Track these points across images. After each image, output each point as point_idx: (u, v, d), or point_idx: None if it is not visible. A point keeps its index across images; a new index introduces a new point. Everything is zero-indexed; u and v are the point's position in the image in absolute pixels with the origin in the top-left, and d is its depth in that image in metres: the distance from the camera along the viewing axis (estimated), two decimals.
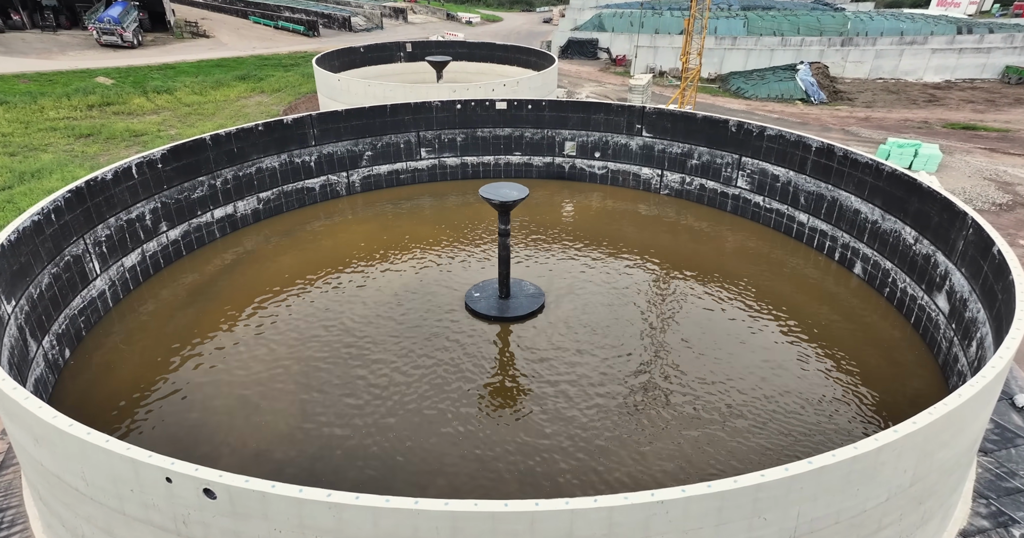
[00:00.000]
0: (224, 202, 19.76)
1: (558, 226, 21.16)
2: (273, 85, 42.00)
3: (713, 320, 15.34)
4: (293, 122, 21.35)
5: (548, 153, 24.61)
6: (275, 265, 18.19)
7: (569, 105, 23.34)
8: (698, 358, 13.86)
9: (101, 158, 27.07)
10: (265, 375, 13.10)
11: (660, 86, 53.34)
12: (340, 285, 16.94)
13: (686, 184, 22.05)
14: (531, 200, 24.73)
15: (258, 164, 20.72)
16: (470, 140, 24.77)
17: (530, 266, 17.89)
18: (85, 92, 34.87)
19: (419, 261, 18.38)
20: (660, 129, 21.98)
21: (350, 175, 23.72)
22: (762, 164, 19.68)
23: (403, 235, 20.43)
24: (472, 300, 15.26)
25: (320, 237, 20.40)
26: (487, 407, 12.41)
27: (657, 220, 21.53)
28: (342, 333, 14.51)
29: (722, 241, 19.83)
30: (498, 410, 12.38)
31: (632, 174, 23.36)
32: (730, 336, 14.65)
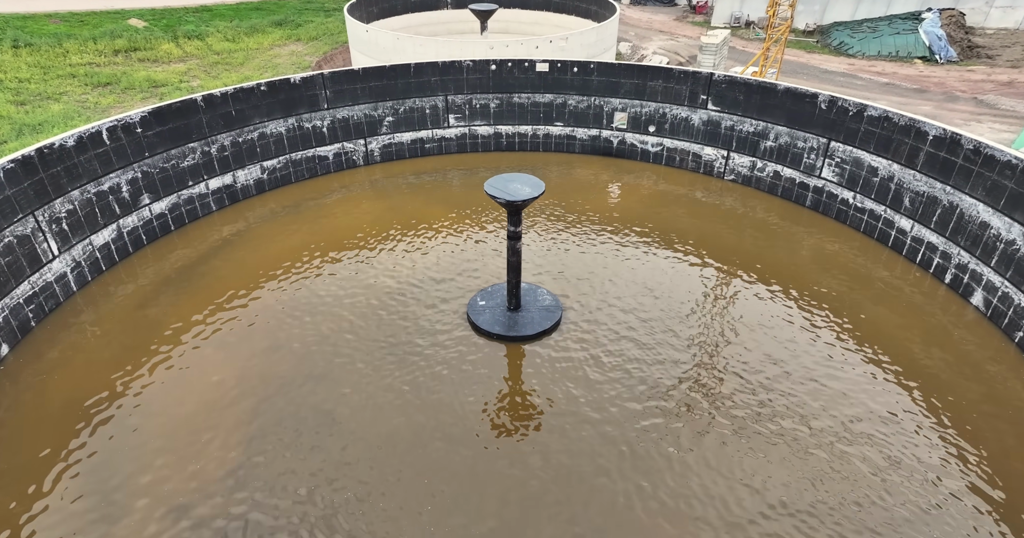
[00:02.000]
0: (221, 171, 18.43)
1: (599, 212, 18.77)
2: (310, 32, 40.27)
3: (784, 349, 12.75)
4: (302, 82, 19.57)
5: (595, 125, 21.97)
6: (269, 247, 16.79)
7: (621, 69, 20.48)
8: (766, 414, 11.53)
9: (113, 111, 26.36)
10: (217, 397, 11.54)
11: (744, 40, 47.02)
12: (333, 276, 15.35)
13: (757, 170, 19.05)
14: (571, 179, 22.34)
15: (261, 129, 19.19)
16: (505, 107, 22.39)
17: (556, 262, 15.77)
18: (113, 36, 34.26)
19: (429, 251, 16.56)
20: (730, 102, 18.92)
21: (368, 143, 21.93)
22: (857, 152, 16.48)
23: (418, 216, 18.60)
24: (476, 310, 13.37)
25: (325, 214, 18.84)
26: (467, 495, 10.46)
27: (718, 210, 18.77)
28: (317, 345, 12.77)
29: (797, 242, 16.93)
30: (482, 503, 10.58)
31: (692, 154, 20.51)
32: (806, 374, 12.12)
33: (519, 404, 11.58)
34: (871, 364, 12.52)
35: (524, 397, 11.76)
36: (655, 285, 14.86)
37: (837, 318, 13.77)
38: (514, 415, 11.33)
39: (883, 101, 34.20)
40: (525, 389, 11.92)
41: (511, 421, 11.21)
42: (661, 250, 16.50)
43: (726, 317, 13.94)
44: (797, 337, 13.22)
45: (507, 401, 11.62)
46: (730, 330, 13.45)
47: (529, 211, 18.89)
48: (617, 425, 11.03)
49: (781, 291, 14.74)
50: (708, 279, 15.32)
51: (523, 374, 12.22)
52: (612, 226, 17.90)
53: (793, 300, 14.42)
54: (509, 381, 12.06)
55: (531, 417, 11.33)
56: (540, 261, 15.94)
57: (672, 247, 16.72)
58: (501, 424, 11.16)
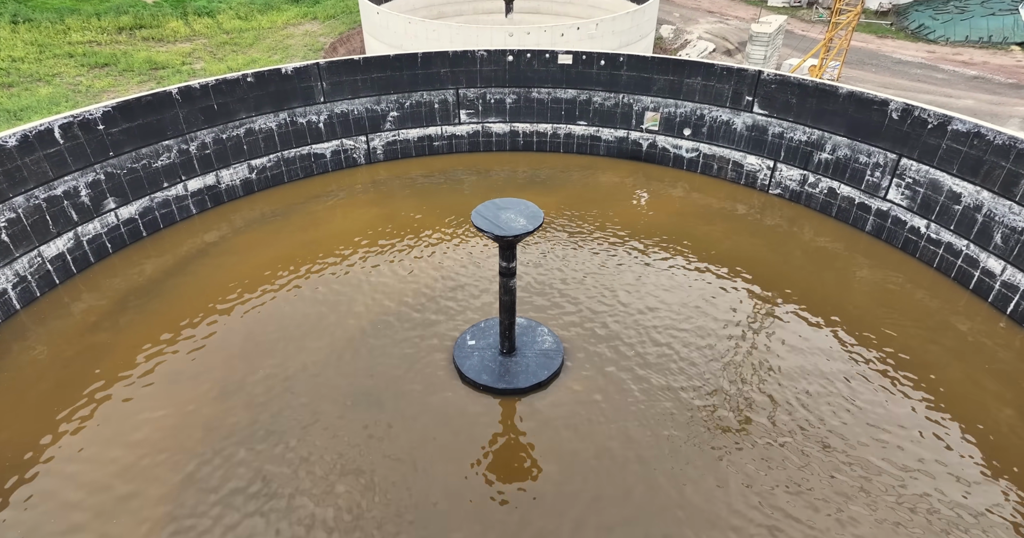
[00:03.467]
0: (202, 171, 17.22)
1: (623, 225, 17.00)
2: (328, 10, 38.87)
3: (839, 413, 10.85)
4: (294, 73, 18.16)
5: (623, 125, 20.09)
6: (246, 259, 15.50)
7: (654, 63, 18.51)
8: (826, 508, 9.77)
9: (106, 96, 25.51)
10: (148, 454, 10.16)
11: (805, 22, 42.88)
12: (311, 298, 13.93)
13: (808, 185, 16.95)
14: (594, 186, 20.42)
15: (248, 124, 17.89)
16: (523, 102, 20.66)
17: (567, 288, 14.12)
18: (118, 11, 33.42)
19: (422, 271, 15.06)
20: (780, 105, 16.81)
21: (370, 140, 20.50)
22: (934, 173, 14.22)
23: (417, 227, 17.12)
24: (463, 353, 11.85)
25: (314, 221, 17.49)
26: None
27: (760, 229, 16.79)
28: (276, 389, 11.28)
29: (853, 273, 14.81)
30: None
31: (732, 162, 18.51)
32: (871, 453, 10.29)
33: (496, 498, 10.01)
34: (948, 428, 10.59)
35: (504, 482, 10.23)
36: (685, 321, 13.04)
37: (902, 372, 11.77)
38: (487, 523, 9.75)
39: (970, 99, 30.38)
40: (505, 471, 10.36)
41: (483, 529, 9.67)
42: (693, 275, 14.66)
43: (767, 365, 12.09)
44: (860, 395, 11.30)
45: (481, 492, 10.05)
46: (771, 381, 11.63)
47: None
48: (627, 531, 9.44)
49: (838, 334, 12.74)
50: (748, 317, 13.41)
51: (506, 445, 10.54)
52: (637, 243, 16.10)
53: (852, 343, 12.44)
54: (488, 456, 10.34)
55: (508, 520, 9.81)
56: (548, 285, 14.30)
57: (706, 271, 14.85)
58: (478, 509, 9.66)
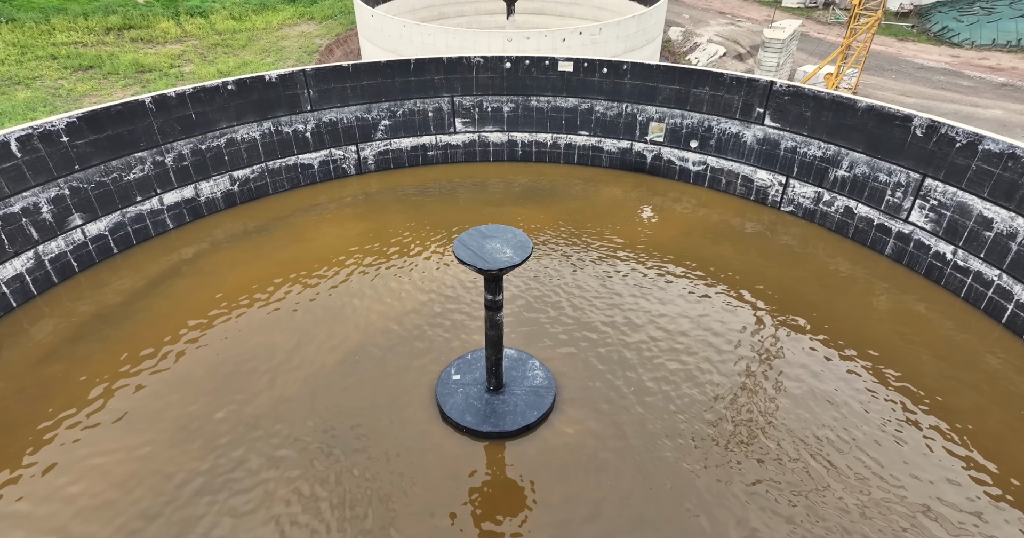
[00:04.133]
0: (179, 183, 16.53)
1: (625, 240, 16.21)
2: (325, 10, 38.21)
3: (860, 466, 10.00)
4: (279, 80, 17.47)
5: (626, 136, 19.32)
6: (221, 279, 14.73)
7: (660, 71, 17.73)
8: None
9: (87, 100, 24.90)
10: (80, 513, 9.46)
11: (821, 24, 41.56)
12: (285, 324, 13.17)
13: (823, 203, 16.10)
14: (595, 199, 19.60)
15: (229, 134, 17.20)
16: (521, 111, 19.91)
17: (562, 311, 13.34)
18: (107, 11, 32.81)
19: (407, 293, 14.30)
20: (793, 118, 15.98)
21: (360, 149, 19.80)
22: (963, 196, 13.19)
23: (406, 243, 16.40)
24: (446, 389, 11.09)
25: (297, 237, 16.76)
26: None
27: (771, 247, 15.97)
28: (238, 433, 10.43)
29: (871, 299, 13.91)
30: None
31: (742, 177, 17.70)
32: (896, 511, 9.45)
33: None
34: (990, 515, 9.74)
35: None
36: (689, 351, 12.22)
37: (929, 415, 10.89)
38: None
39: (998, 108, 29.21)
40: (484, 532, 9.58)
41: None
42: (699, 299, 13.84)
43: (778, 406, 11.25)
44: (880, 444, 10.45)
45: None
46: (783, 424, 10.81)
47: (537, 235, 16.50)
48: None
49: (852, 366, 11.89)
50: (758, 347, 12.57)
51: (487, 499, 9.66)
52: (640, 263, 15.31)
53: (869, 383, 11.57)
54: (467, 513, 9.49)
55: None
56: (541, 310, 13.52)
57: (713, 295, 14.01)
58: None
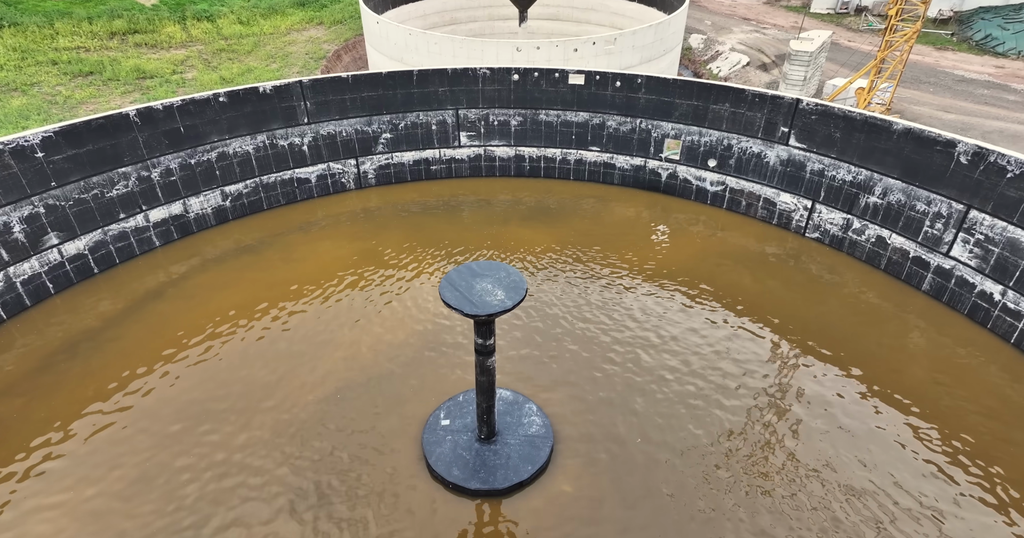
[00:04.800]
0: (167, 199, 15.95)
1: (637, 264, 15.36)
2: (335, 15, 37.82)
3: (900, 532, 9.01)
4: (274, 92, 16.87)
5: (639, 153, 18.47)
6: (203, 303, 14.00)
7: (677, 86, 16.87)
8: None
9: (84, 108, 24.54)
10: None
11: (852, 31, 39.60)
12: (268, 358, 12.43)
13: (852, 231, 15.07)
14: (606, 218, 18.65)
15: (221, 148, 16.62)
16: (529, 125, 19.15)
17: (569, 339, 12.50)
18: (112, 15, 32.65)
19: (399, 323, 13.53)
20: (821, 139, 15.01)
21: (360, 163, 19.16)
22: (1013, 231, 12.03)
23: (403, 265, 15.68)
24: (433, 437, 10.27)
25: (288, 257, 16.08)
26: None
27: (795, 276, 14.99)
28: (202, 482, 9.67)
29: (906, 337, 12.80)
30: None
31: (763, 199, 16.76)
32: None
33: None
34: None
35: None
36: (703, 393, 11.30)
37: (980, 480, 9.90)
38: None
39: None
40: None
41: None
42: (716, 330, 12.90)
43: (804, 461, 10.30)
44: (924, 508, 9.45)
45: None
46: (809, 481, 9.85)
47: (541, 258, 15.71)
48: None
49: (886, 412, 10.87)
50: (780, 386, 11.60)
51: None
52: (652, 288, 14.42)
53: (906, 434, 10.52)
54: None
55: None
56: (543, 341, 12.69)
57: (732, 326, 13.07)
58: None
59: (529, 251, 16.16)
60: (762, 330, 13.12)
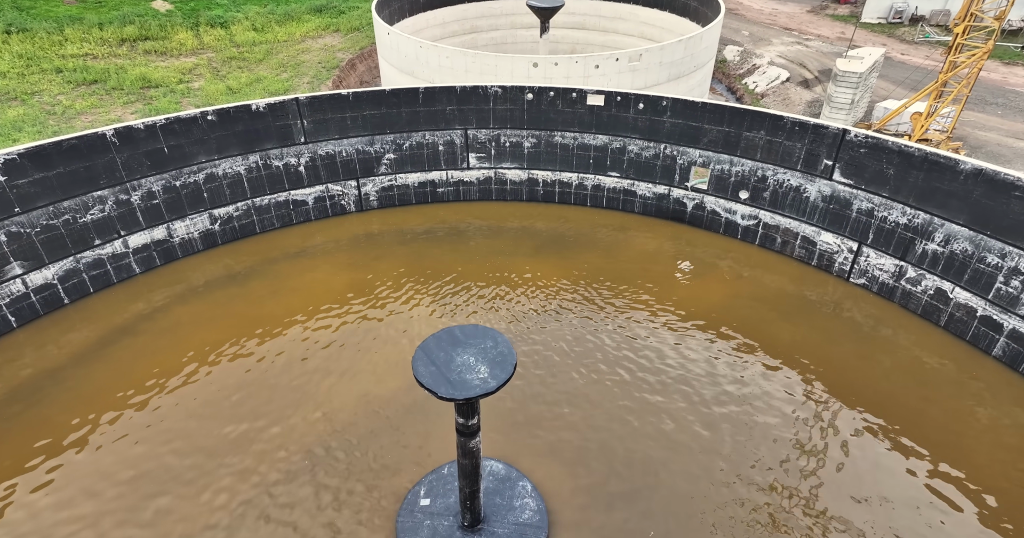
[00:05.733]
0: (148, 224, 15.13)
1: (657, 304, 14.07)
2: (352, 22, 37.21)
3: None
4: (268, 110, 16.00)
5: (663, 180, 17.21)
6: (177, 341, 12.99)
7: (706, 110, 15.60)
8: None
9: (83, 119, 24.02)
10: None
11: (905, 43, 36.49)
12: (235, 410, 11.29)
13: (906, 280, 13.51)
14: (624, 251, 17.18)
15: (210, 169, 15.78)
16: (544, 147, 18.03)
17: (576, 394, 11.26)
18: (124, 21, 32.37)
19: (389, 371, 12.42)
20: (871, 174, 13.49)
21: (362, 185, 18.22)
22: None
23: (398, 301, 14.64)
24: (410, 521, 9.08)
25: (275, 288, 15.13)
26: None
27: (837, 325, 13.48)
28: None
29: (971, 410, 10.89)
30: None
31: (802, 238, 15.35)
32: None
33: None
34: None
35: None
36: (736, 470, 9.94)
37: None
38: None
39: None
40: None
41: None
42: (746, 387, 11.53)
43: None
44: None
45: None
46: None
47: (550, 295, 14.53)
48: None
49: (951, 497, 9.43)
50: (825, 460, 10.22)
51: None
52: (674, 333, 13.12)
53: (982, 528, 9.12)
54: None
55: None
56: (544, 396, 11.49)
57: (766, 379, 11.72)
58: None
59: (537, 287, 15.00)
60: (801, 389, 11.73)
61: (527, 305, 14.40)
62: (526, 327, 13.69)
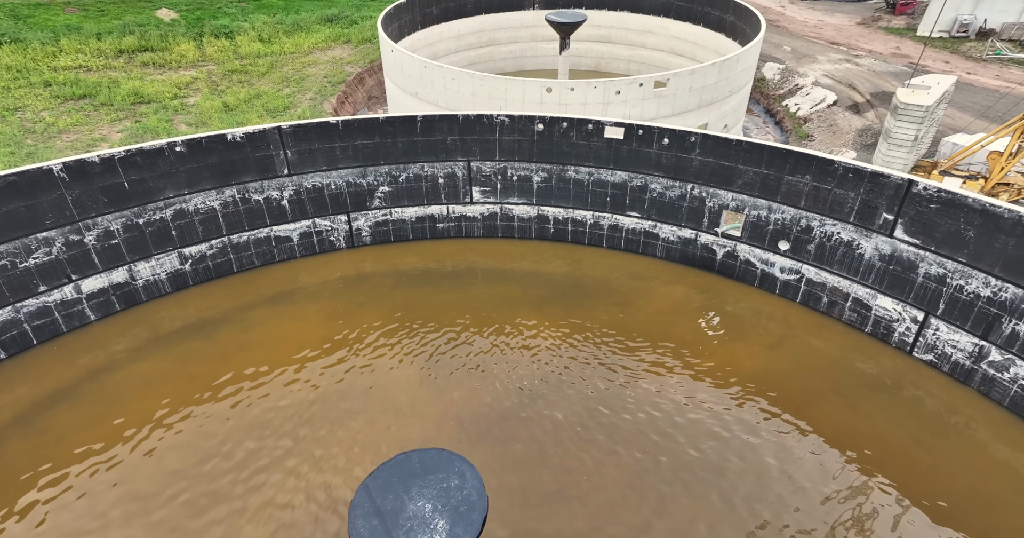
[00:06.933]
0: (106, 266, 13.83)
1: (679, 369, 12.41)
2: (364, 33, 36.11)
3: None
4: (246, 140, 14.67)
5: (690, 223, 15.49)
6: (123, 408, 11.52)
7: (741, 149, 13.88)
8: None
9: (64, 138, 22.86)
10: None
11: (971, 60, 32.88)
12: (152, 507, 9.92)
13: (988, 363, 11.36)
14: (643, 301, 14.66)
15: (179, 205, 14.46)
16: (555, 182, 16.45)
17: (579, 494, 9.53)
18: (124, 31, 31.52)
19: (357, 454, 10.87)
20: (944, 235, 11.39)
21: (353, 220, 16.81)
22: None
23: (380, 362, 13.12)
24: None
25: (244, 342, 13.63)
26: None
27: (898, 407, 11.49)
28: None
29: None
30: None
31: (854, 300, 13.46)
32: None
33: None
34: None
35: None
36: None
37: None
38: None
39: None
40: None
41: None
42: (800, 487, 9.82)
43: None
44: None
45: None
46: None
47: (554, 357, 12.91)
48: None
49: None
50: None
51: None
52: (706, 408, 11.38)
53: None
54: None
55: None
56: (539, 502, 9.79)
57: (813, 467, 9.99)
58: None
59: (543, 347, 13.37)
60: (860, 483, 9.91)
61: (528, 370, 12.79)
62: (524, 402, 12.06)
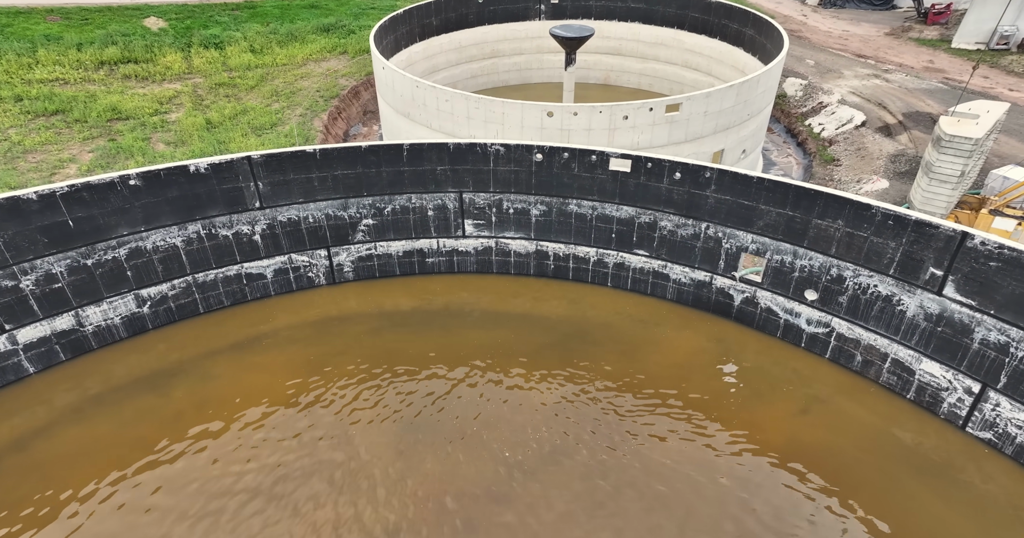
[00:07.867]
0: (47, 313, 12.60)
1: (697, 437, 11.14)
2: (362, 43, 34.99)
3: None
4: (211, 171, 13.49)
5: (704, 265, 14.17)
6: (48, 483, 10.60)
7: (764, 187, 12.54)
8: None
9: (30, 159, 21.47)
10: None
11: (1013, 75, 30.20)
12: None
13: None
14: (651, 351, 13.10)
15: (134, 243, 13.26)
16: (555, 216, 15.19)
17: None
18: (106, 41, 30.37)
19: None
20: (1006, 297, 9.75)
21: (334, 254, 15.62)
22: None
23: (350, 425, 11.89)
24: None
25: (200, 399, 12.32)
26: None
27: (952, 491, 10.16)
28: None
29: None
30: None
31: (893, 361, 12.02)
32: None
33: None
34: None
35: None
36: None
37: None
38: None
39: None
40: None
41: None
42: None
43: None
44: None
45: None
46: None
47: (549, 406, 11.60)
48: None
49: None
50: None
51: None
52: (718, 481, 10.15)
53: None
54: None
55: None
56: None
57: None
58: None
59: (537, 405, 12.13)
60: None
61: (522, 436, 11.49)
62: (515, 477, 10.75)
